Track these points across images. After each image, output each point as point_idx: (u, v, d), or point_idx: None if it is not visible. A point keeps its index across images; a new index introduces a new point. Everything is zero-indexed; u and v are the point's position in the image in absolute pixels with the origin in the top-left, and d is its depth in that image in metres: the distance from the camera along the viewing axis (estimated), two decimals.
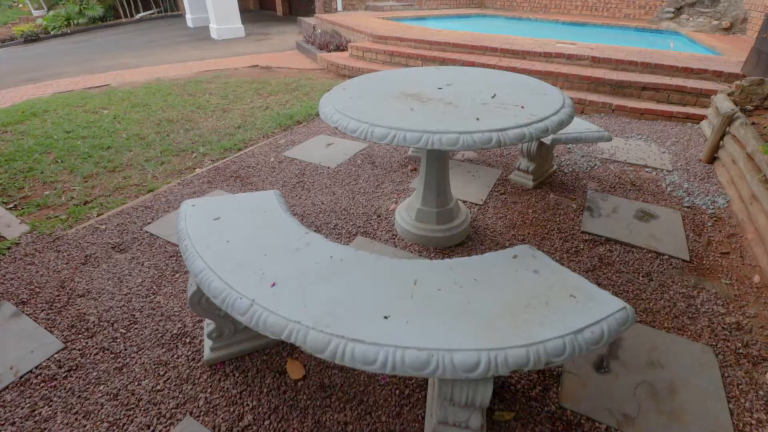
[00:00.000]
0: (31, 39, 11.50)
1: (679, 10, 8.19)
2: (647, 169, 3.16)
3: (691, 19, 7.86)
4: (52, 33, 12.06)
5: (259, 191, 1.79)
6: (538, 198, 2.74)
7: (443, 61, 5.31)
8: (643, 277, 2.07)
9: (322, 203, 2.68)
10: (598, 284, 2.01)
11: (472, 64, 5.08)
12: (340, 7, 10.20)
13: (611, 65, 4.70)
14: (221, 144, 3.55)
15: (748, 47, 5.70)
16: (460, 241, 2.26)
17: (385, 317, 1.12)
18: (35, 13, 13.43)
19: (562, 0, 10.10)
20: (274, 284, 1.24)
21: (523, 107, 1.66)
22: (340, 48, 6.80)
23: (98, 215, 2.61)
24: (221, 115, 4.33)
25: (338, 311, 1.14)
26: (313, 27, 8.87)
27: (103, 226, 2.46)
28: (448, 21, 9.41)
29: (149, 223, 2.48)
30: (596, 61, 4.77)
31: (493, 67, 4.93)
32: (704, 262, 2.18)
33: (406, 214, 2.31)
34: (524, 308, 1.17)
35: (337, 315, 1.13)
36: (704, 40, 6.39)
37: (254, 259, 1.35)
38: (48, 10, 13.44)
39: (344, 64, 5.88)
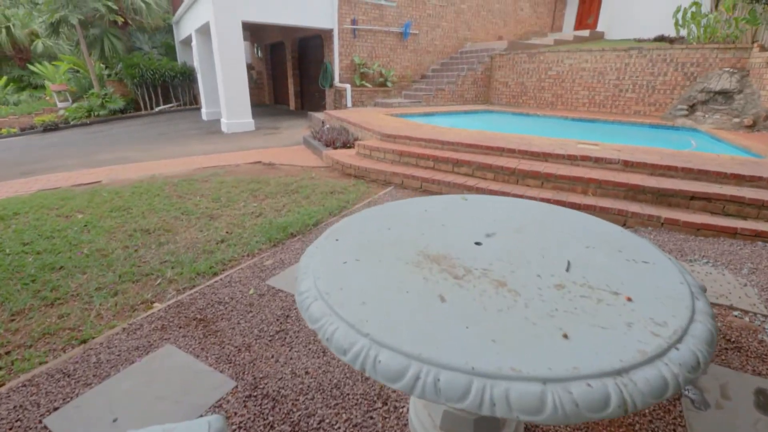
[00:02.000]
0: (49, 128, 11.81)
1: (692, 108, 8.06)
2: (736, 313, 2.42)
3: (707, 116, 7.67)
4: (72, 123, 12.44)
5: (188, 421, 1.07)
6: None
7: (456, 163, 4.89)
8: None
9: (306, 372, 1.93)
10: None
11: (489, 167, 4.64)
12: (349, 103, 10.41)
13: (647, 170, 4.20)
14: (194, 266, 2.92)
15: None
16: None
17: None
18: (60, 105, 14.08)
19: (569, 98, 10.21)
20: None
21: (630, 299, 0.99)
22: (347, 145, 6.56)
23: None
24: (206, 223, 3.78)
25: None
26: (322, 122, 8.87)
27: None
28: (456, 117, 9.42)
29: (57, 409, 1.73)
30: (629, 165, 4.29)
31: (513, 170, 4.48)
32: None
33: (425, 413, 1.54)
34: None
35: None
36: (732, 139, 6.02)
37: None
38: (72, 103, 14.11)
39: (350, 163, 5.52)
